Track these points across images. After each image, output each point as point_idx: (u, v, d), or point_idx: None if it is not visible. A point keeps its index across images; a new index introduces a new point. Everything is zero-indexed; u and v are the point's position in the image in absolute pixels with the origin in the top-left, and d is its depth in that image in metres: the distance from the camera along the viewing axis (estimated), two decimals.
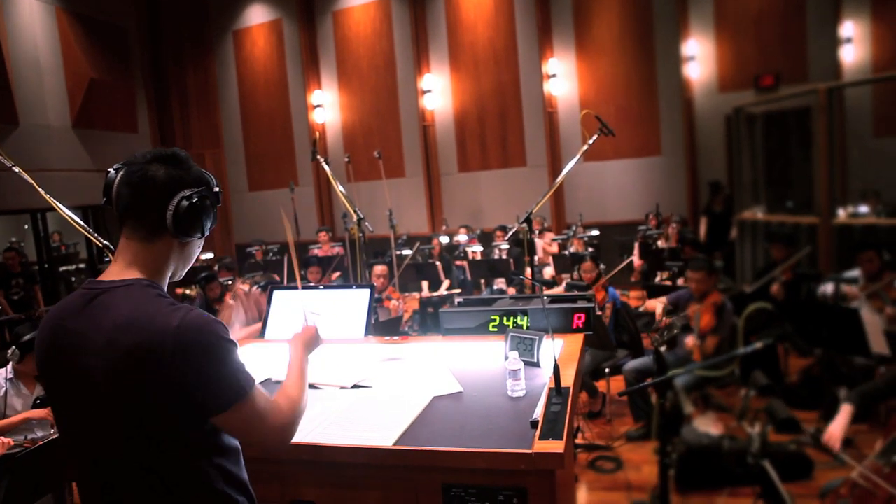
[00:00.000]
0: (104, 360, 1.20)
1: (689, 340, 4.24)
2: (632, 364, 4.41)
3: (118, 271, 1.29)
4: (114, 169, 1.30)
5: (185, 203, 1.26)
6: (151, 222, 1.27)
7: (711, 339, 4.19)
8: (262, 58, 12.08)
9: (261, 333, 2.87)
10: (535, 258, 7.89)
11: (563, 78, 10.25)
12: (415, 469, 1.67)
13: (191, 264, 1.41)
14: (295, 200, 9.72)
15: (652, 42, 9.70)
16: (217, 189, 1.35)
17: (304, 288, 2.95)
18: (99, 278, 1.30)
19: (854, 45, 8.47)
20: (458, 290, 7.34)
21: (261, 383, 2.24)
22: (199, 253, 1.43)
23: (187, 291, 5.83)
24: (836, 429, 2.98)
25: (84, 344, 1.22)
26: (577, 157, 3.80)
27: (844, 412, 3.05)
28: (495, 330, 2.54)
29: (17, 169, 2.87)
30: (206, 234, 1.36)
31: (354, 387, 2.12)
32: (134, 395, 1.19)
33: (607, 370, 4.61)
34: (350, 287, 2.81)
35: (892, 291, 4.19)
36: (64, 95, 9.93)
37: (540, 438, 1.60)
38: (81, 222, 2.43)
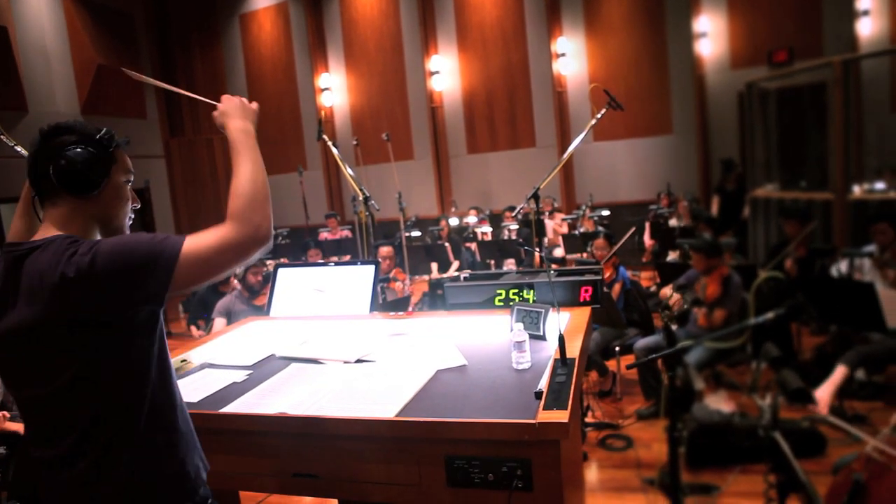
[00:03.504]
0: (52, 298, 1.24)
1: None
2: (643, 342, 4.36)
3: (40, 234, 1.35)
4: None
5: (62, 161, 1.31)
6: (47, 185, 1.33)
7: (719, 311, 4.13)
8: (268, 42, 12.02)
9: (266, 311, 2.86)
10: (546, 239, 7.84)
11: (572, 57, 10.12)
12: (417, 441, 1.64)
13: (119, 219, 1.42)
14: (303, 184, 9.70)
15: (662, 19, 9.54)
16: (99, 136, 1.35)
17: (310, 265, 2.94)
18: (21, 240, 1.37)
19: (871, 17, 8.27)
20: (468, 272, 7.30)
21: (264, 359, 2.25)
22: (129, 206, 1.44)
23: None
24: (825, 393, 2.87)
25: (28, 300, 1.26)
26: (586, 131, 3.73)
27: (838, 373, 2.96)
28: (501, 304, 2.51)
29: (19, 149, 2.86)
30: (103, 185, 1.35)
31: (358, 361, 2.10)
32: (93, 307, 1.24)
33: (617, 349, 4.57)
34: (355, 263, 2.79)
35: None
36: (72, 82, 9.95)
37: (544, 408, 1.57)
38: None
